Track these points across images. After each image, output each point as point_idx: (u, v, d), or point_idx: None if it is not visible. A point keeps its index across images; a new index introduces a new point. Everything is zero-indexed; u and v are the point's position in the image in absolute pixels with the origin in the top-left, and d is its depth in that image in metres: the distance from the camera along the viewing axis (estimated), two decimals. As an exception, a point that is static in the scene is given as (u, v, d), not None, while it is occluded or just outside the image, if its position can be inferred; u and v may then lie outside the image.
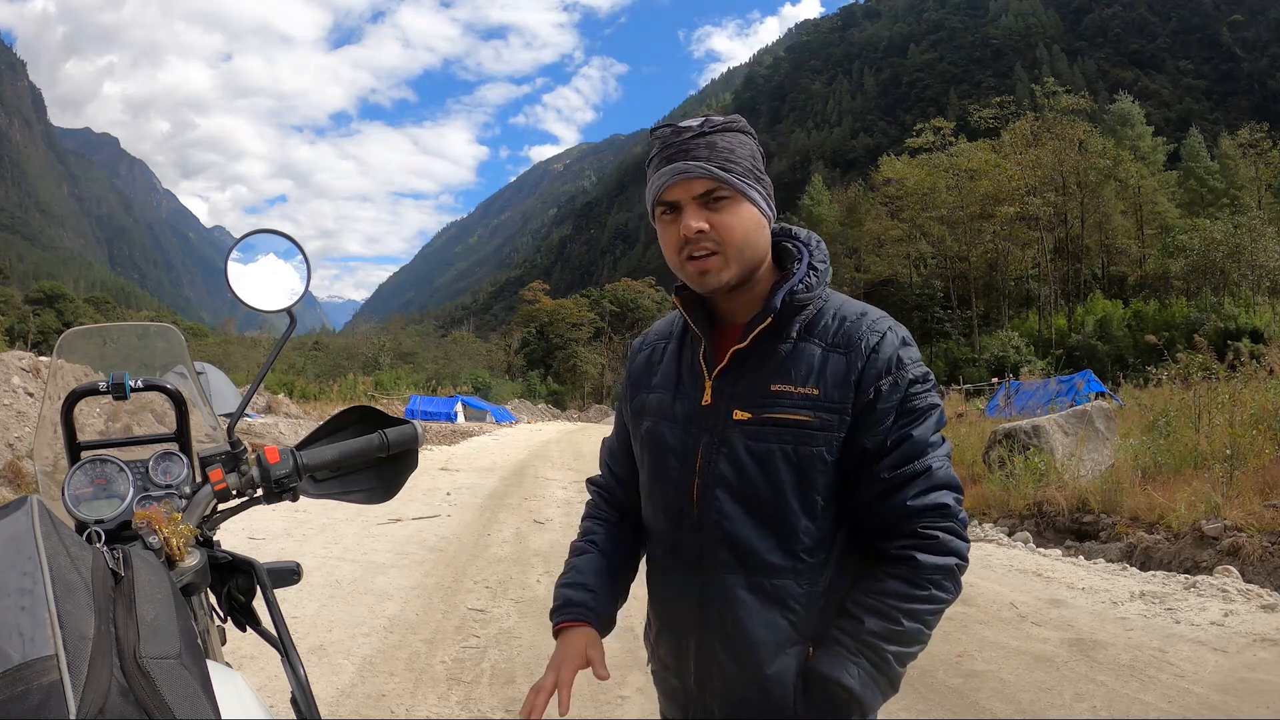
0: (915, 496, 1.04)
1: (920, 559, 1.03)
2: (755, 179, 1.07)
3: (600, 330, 60.19)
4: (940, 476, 1.05)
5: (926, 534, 1.03)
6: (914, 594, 1.02)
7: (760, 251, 1.09)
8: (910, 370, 1.06)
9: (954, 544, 1.04)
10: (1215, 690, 3.07)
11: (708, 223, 1.05)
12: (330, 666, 3.32)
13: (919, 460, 1.04)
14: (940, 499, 1.04)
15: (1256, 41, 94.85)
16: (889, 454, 1.04)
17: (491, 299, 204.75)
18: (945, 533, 1.04)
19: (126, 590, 0.62)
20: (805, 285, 1.08)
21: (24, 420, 7.66)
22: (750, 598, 1.08)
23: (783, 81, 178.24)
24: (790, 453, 1.05)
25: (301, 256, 1.22)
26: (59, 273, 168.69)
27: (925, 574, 1.03)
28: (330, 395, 27.88)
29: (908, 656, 1.04)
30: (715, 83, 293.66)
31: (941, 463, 1.06)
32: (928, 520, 1.04)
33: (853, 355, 1.05)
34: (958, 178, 42.90)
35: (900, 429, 1.05)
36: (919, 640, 1.05)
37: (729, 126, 1.07)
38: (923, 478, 1.04)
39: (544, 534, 6.62)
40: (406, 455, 1.20)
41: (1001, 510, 7.53)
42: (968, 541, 1.07)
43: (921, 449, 1.05)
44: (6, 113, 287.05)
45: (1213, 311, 28.45)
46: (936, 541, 1.03)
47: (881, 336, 1.06)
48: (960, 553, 1.05)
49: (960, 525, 1.05)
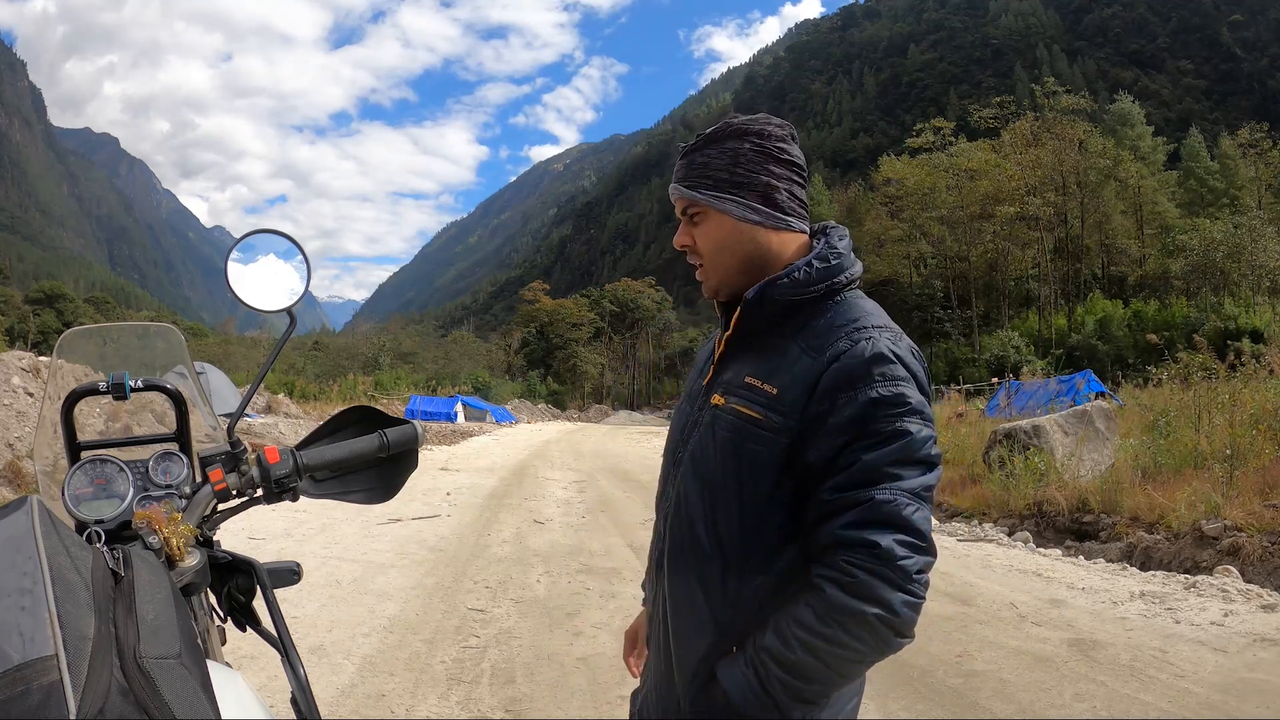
0: (846, 527, 0.95)
1: (829, 594, 0.94)
2: (734, 187, 1.07)
3: (600, 330, 60.21)
4: (885, 513, 0.94)
5: (846, 570, 0.94)
6: (816, 628, 0.94)
7: (740, 257, 1.10)
8: (877, 389, 0.97)
9: (877, 591, 0.92)
10: (1215, 690, 3.07)
11: (690, 237, 1.12)
12: (330, 666, 3.32)
13: (864, 489, 0.95)
14: (871, 536, 0.93)
15: (1256, 41, 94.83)
16: (835, 475, 0.97)
17: (491, 299, 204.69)
18: (871, 576, 0.92)
19: (126, 590, 0.62)
20: (792, 280, 1.06)
21: (24, 420, 7.66)
22: (684, 578, 1.09)
23: (783, 81, 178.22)
24: (737, 445, 1.05)
25: (301, 256, 1.22)
26: (59, 273, 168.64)
27: (832, 612, 0.93)
28: (330, 395, 27.87)
29: (800, 689, 0.96)
30: (715, 83, 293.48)
31: (893, 497, 0.94)
32: (851, 556, 0.94)
33: (818, 360, 1.01)
34: (958, 178, 42.90)
35: (852, 451, 0.96)
36: (815, 678, 0.96)
37: (715, 137, 1.10)
38: (861, 509, 0.95)
39: (544, 534, 6.62)
40: (406, 455, 1.20)
41: (1001, 510, 7.53)
42: (909, 595, 0.93)
43: (870, 477, 0.95)
44: (6, 113, 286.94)
45: (1213, 311, 28.47)
46: (854, 582, 0.93)
47: (853, 345, 1.00)
48: (885, 604, 0.92)
49: (898, 573, 0.92)
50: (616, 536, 6.54)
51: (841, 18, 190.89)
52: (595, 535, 6.60)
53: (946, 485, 8.71)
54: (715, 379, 1.13)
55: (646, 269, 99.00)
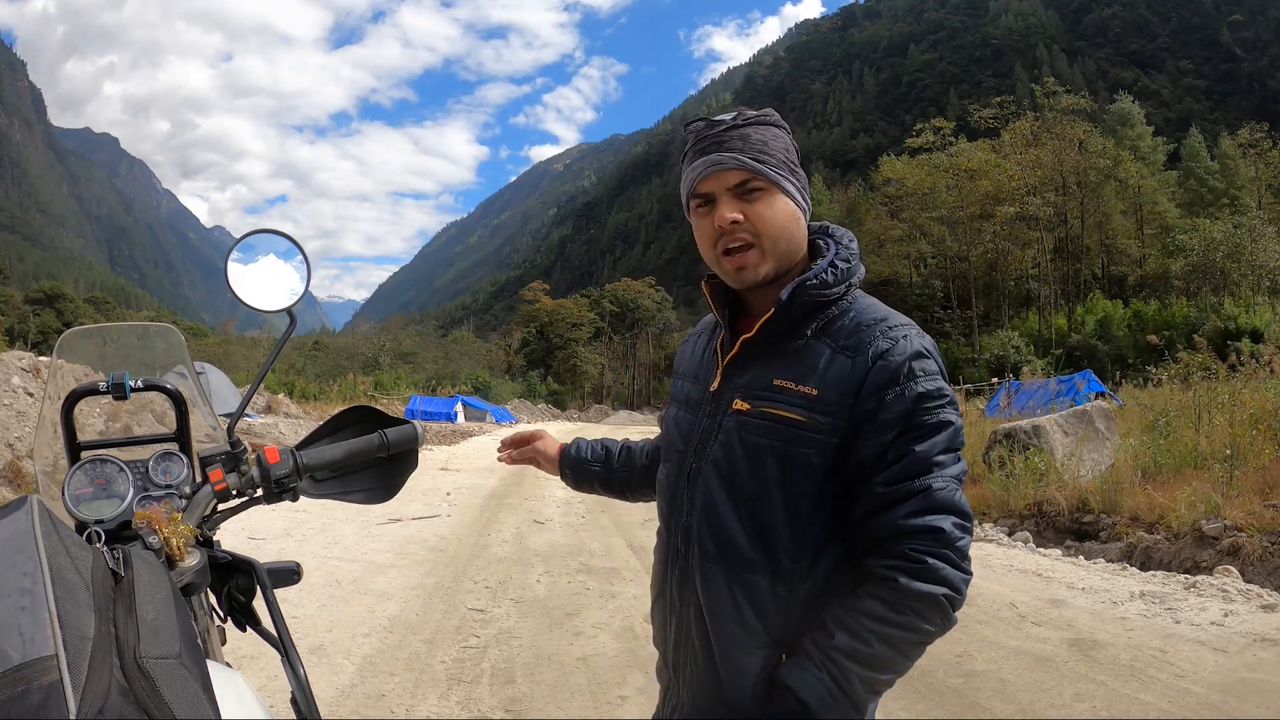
0: (908, 516, 0.98)
1: (902, 583, 0.96)
2: (790, 171, 1.08)
3: (600, 330, 60.22)
4: (940, 498, 0.98)
5: (914, 557, 0.97)
6: (891, 618, 0.96)
7: (796, 245, 1.09)
8: (921, 383, 1.00)
9: (943, 573, 0.96)
10: (1215, 690, 3.07)
11: (742, 214, 1.05)
12: (330, 666, 3.32)
13: (919, 478, 0.98)
14: (935, 522, 0.97)
15: (1256, 41, 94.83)
16: (887, 468, 0.99)
17: (491, 299, 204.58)
18: (936, 559, 0.96)
19: (126, 590, 0.62)
20: (820, 281, 1.05)
21: (24, 420, 7.66)
22: (726, 590, 1.06)
23: (783, 81, 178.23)
24: (780, 449, 1.03)
25: (301, 256, 1.22)
26: (59, 273, 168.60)
27: (906, 599, 0.96)
28: (330, 395, 27.87)
29: (876, 682, 0.98)
30: (715, 83, 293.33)
31: (945, 484, 0.99)
32: (917, 543, 0.97)
33: (859, 360, 1.01)
34: (958, 178, 42.92)
35: (902, 443, 0.99)
36: (890, 668, 0.98)
37: (763, 119, 1.08)
38: (919, 497, 0.98)
39: (544, 534, 6.62)
40: (406, 455, 1.20)
41: (1001, 510, 7.53)
42: (966, 574, 0.99)
43: (923, 467, 0.98)
44: (6, 113, 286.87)
45: (1213, 311, 28.43)
46: (924, 567, 0.96)
47: (894, 344, 1.02)
48: (951, 583, 0.97)
49: (957, 554, 0.97)
50: (616, 536, 6.54)
51: (841, 18, 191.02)
52: (595, 535, 6.60)
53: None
54: (728, 383, 1.11)
55: (646, 269, 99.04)
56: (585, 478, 1.47)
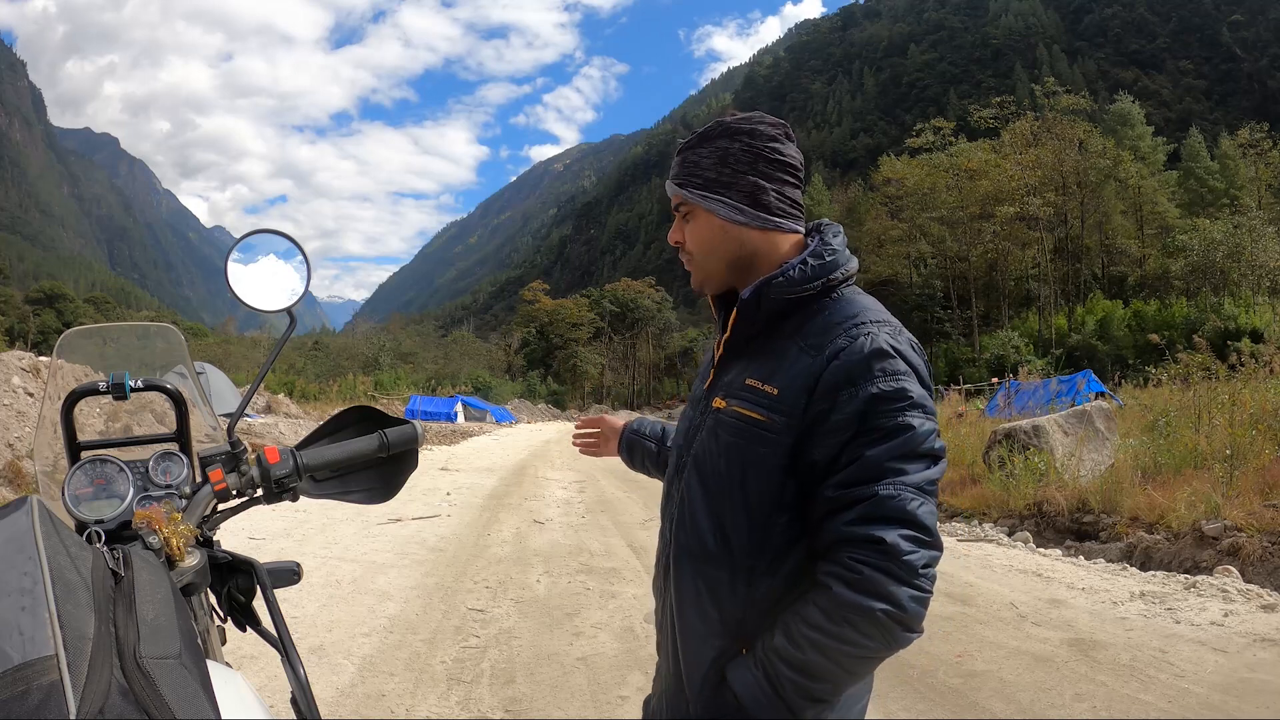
0: (851, 523, 0.94)
1: (836, 591, 0.93)
2: (722, 186, 1.08)
3: (600, 330, 60.25)
4: (890, 508, 0.93)
5: (852, 566, 0.93)
6: (825, 627, 0.93)
7: (725, 257, 1.11)
8: (879, 384, 0.97)
9: (883, 587, 0.91)
10: (1215, 690, 3.07)
11: (681, 234, 1.15)
12: (330, 666, 3.32)
13: (868, 484, 0.95)
14: (878, 532, 0.92)
15: (1256, 41, 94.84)
16: (838, 472, 0.97)
17: (491, 299, 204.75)
18: (876, 571, 0.92)
19: (126, 590, 0.62)
20: (787, 279, 1.05)
21: (24, 420, 7.66)
22: (692, 583, 1.09)
23: (783, 81, 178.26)
24: (742, 447, 1.05)
25: (301, 256, 1.22)
26: (59, 273, 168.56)
27: (841, 609, 0.92)
28: (330, 395, 27.88)
29: (809, 689, 0.96)
30: (715, 82, 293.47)
31: (897, 492, 0.94)
32: (857, 552, 0.93)
33: (818, 358, 1.00)
34: (958, 178, 42.93)
35: (855, 446, 0.96)
36: (824, 677, 0.95)
37: (707, 136, 1.11)
38: (866, 504, 0.94)
39: (544, 534, 6.62)
40: (406, 455, 1.20)
41: (1001, 510, 7.53)
42: (916, 590, 0.92)
43: (874, 473, 0.95)
44: (6, 113, 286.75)
45: (1213, 311, 28.42)
46: (859, 578, 0.92)
47: (852, 341, 0.99)
48: (892, 599, 0.91)
49: (903, 569, 0.92)
50: (616, 536, 6.54)
51: (841, 18, 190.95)
52: (595, 535, 6.59)
53: (946, 485, 8.71)
54: (716, 382, 1.14)
55: (646, 269, 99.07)
56: (638, 453, 1.51)
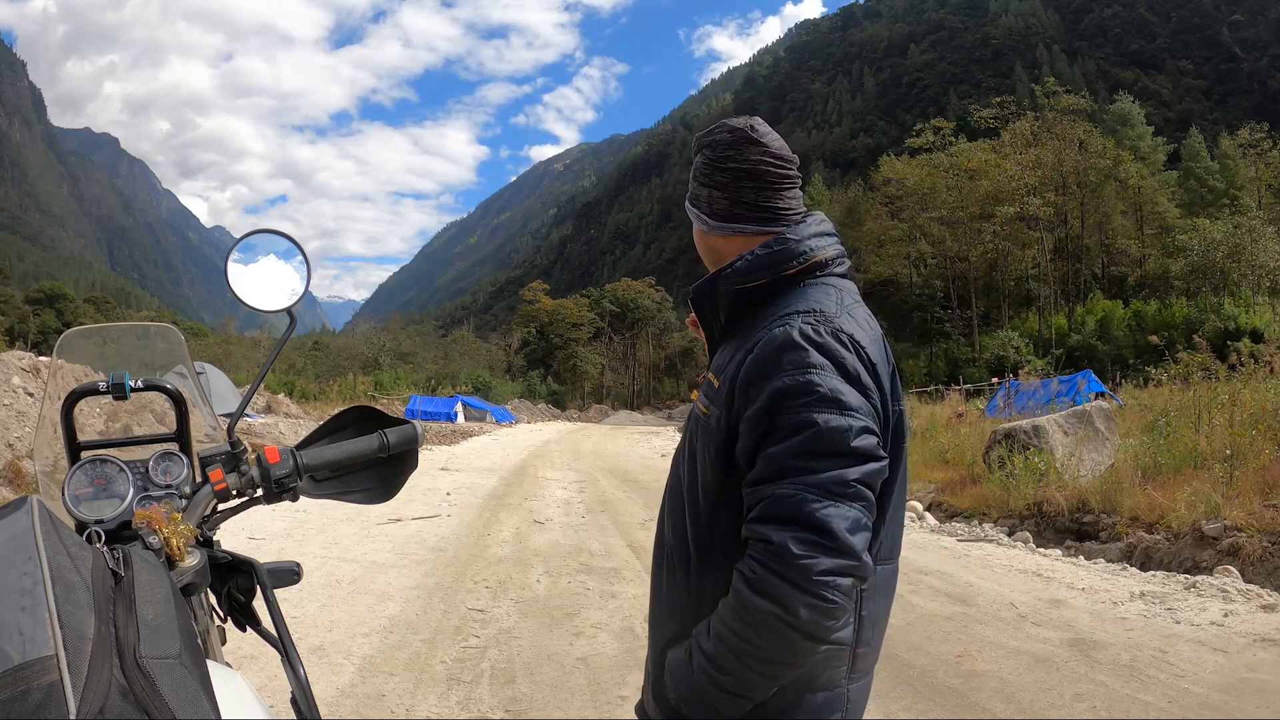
0: (752, 521, 0.93)
1: (737, 588, 0.92)
2: (694, 199, 1.17)
3: (600, 330, 60.17)
4: (785, 508, 0.89)
5: (749, 565, 0.91)
6: (728, 621, 0.93)
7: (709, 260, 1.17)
8: (784, 378, 0.93)
9: (775, 590, 0.87)
10: (1215, 690, 3.07)
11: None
12: (330, 666, 3.32)
13: (767, 483, 0.93)
14: (767, 533, 0.89)
15: (1256, 41, 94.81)
16: (751, 468, 0.96)
17: (491, 299, 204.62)
18: (767, 571, 0.88)
19: (126, 590, 0.62)
20: (733, 270, 1.07)
21: (24, 420, 7.66)
22: (658, 571, 1.16)
23: (783, 81, 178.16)
24: (691, 442, 1.10)
25: (301, 256, 1.22)
26: (59, 273, 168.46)
27: (739, 607, 0.91)
28: (330, 395, 27.86)
29: (718, 680, 0.94)
30: (715, 82, 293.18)
31: (794, 491, 0.89)
32: (753, 551, 0.92)
33: (742, 353, 1.00)
34: (958, 178, 42.87)
35: (764, 444, 0.94)
36: (730, 670, 0.93)
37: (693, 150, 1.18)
38: (765, 504, 0.92)
39: (544, 534, 6.62)
40: (406, 455, 1.20)
41: (1001, 510, 7.53)
42: (816, 599, 0.86)
43: (774, 471, 0.92)
44: (6, 113, 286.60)
45: (1213, 311, 28.41)
46: (754, 578, 0.90)
47: (767, 333, 0.97)
48: (783, 603, 0.87)
49: (795, 573, 0.86)
50: (616, 536, 6.54)
51: (841, 18, 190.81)
52: (595, 535, 6.59)
53: (946, 485, 8.71)
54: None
55: (646, 269, 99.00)
56: None
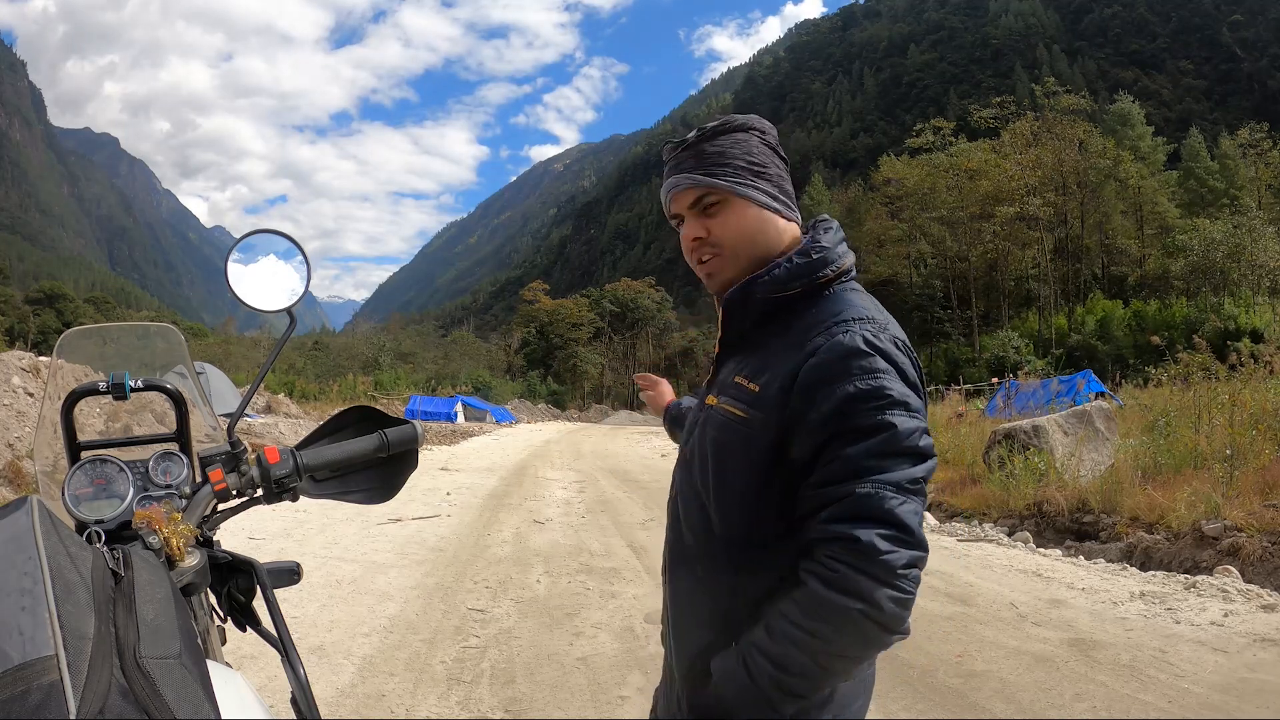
0: (828, 521, 0.94)
1: (813, 588, 0.93)
2: (753, 175, 1.08)
3: (600, 330, 60.17)
4: (868, 507, 0.92)
5: (829, 564, 0.93)
6: (802, 623, 0.94)
7: (765, 247, 1.09)
8: (858, 382, 0.96)
9: (859, 586, 0.90)
10: (1215, 690, 3.07)
11: (705, 229, 1.10)
12: (330, 666, 3.32)
13: (844, 483, 0.94)
14: (853, 531, 0.92)
15: (1256, 41, 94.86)
16: (819, 470, 0.97)
17: (491, 299, 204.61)
18: (852, 570, 0.91)
19: (126, 590, 0.62)
20: (772, 278, 1.06)
21: (24, 420, 7.66)
22: (685, 577, 1.13)
23: (783, 81, 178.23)
24: (723, 443, 1.07)
25: (301, 256, 1.22)
26: (59, 273, 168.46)
27: (816, 607, 0.93)
28: (330, 395, 27.87)
29: (787, 683, 0.95)
30: (715, 82, 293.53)
31: (874, 490, 0.92)
32: (833, 550, 0.93)
33: (799, 356, 1.00)
34: (958, 178, 42.88)
35: (835, 446, 0.95)
36: (802, 672, 0.95)
37: (722, 129, 1.10)
38: (844, 503, 0.93)
39: (544, 534, 6.62)
40: (406, 455, 1.20)
41: (1001, 510, 7.53)
42: (897, 590, 0.91)
43: (853, 471, 0.94)
44: (6, 113, 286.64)
45: (1213, 311, 28.42)
46: (836, 576, 0.91)
47: (831, 339, 0.99)
48: (869, 599, 0.90)
49: (881, 569, 0.90)
50: (616, 536, 6.54)
51: (841, 18, 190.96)
52: (595, 535, 6.59)
53: (946, 485, 8.70)
54: (713, 380, 1.16)
55: (646, 269, 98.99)
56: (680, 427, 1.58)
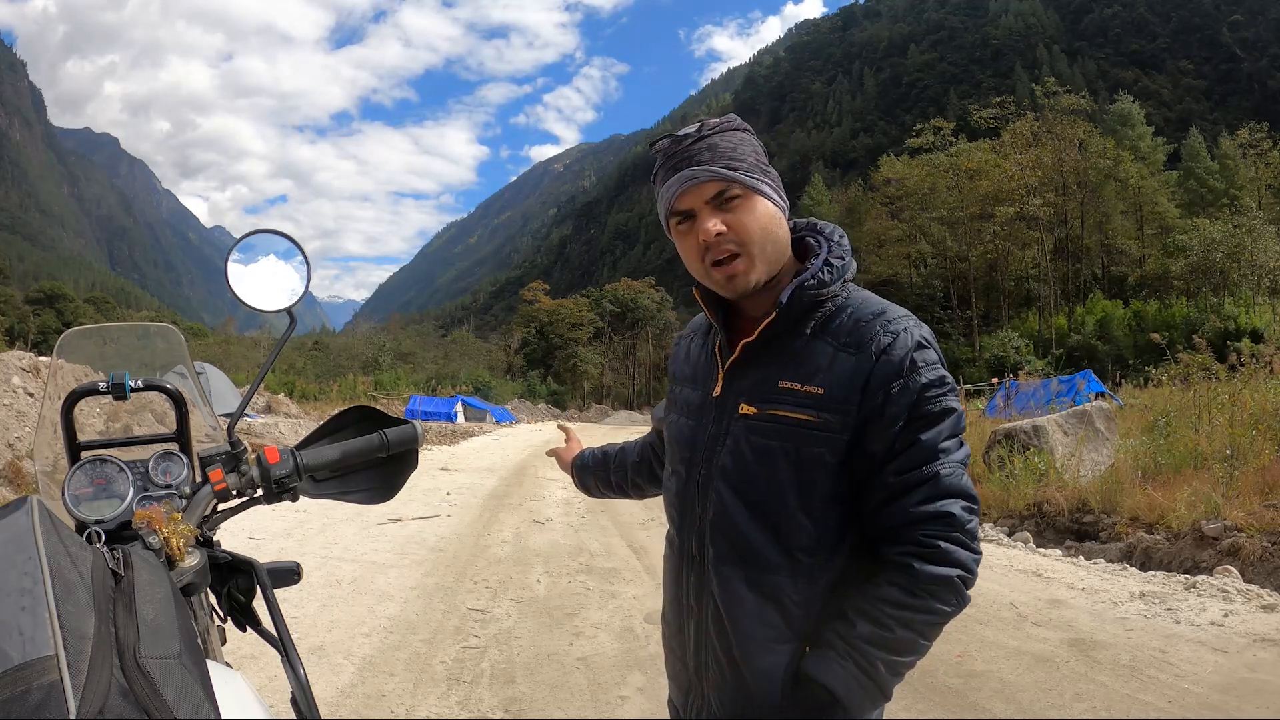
0: (919, 503, 1.01)
1: (918, 568, 1.00)
2: (763, 173, 1.08)
3: (600, 330, 60.15)
4: (948, 484, 1.01)
5: (927, 542, 1.00)
6: (909, 603, 1.00)
7: (781, 245, 1.09)
8: (925, 374, 1.02)
9: (957, 555, 1.00)
10: (1215, 690, 3.07)
11: (725, 224, 1.05)
12: (330, 666, 3.32)
13: (926, 466, 1.01)
14: (945, 507, 1.01)
15: (1256, 41, 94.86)
16: (896, 458, 1.02)
17: (491, 299, 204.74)
18: (948, 542, 1.00)
19: (126, 590, 0.62)
20: (817, 280, 1.06)
21: (24, 420, 7.66)
22: (746, 592, 1.08)
23: (783, 81, 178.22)
24: (791, 451, 1.04)
25: (301, 256, 1.22)
26: (59, 273, 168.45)
27: (923, 584, 0.99)
28: (330, 395, 27.87)
29: (899, 665, 1.02)
30: (715, 83, 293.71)
31: (951, 469, 1.02)
32: (930, 529, 1.01)
33: (862, 356, 1.03)
34: (958, 178, 42.91)
35: (909, 433, 1.02)
36: (912, 651, 1.02)
37: (726, 126, 1.09)
38: (929, 484, 1.01)
39: (544, 534, 6.62)
40: (406, 455, 1.20)
41: (1001, 510, 7.52)
42: (976, 554, 1.03)
43: (930, 454, 1.02)
44: (6, 113, 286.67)
45: (1213, 311, 28.40)
46: (937, 551, 1.00)
47: (895, 337, 1.03)
48: (964, 564, 1.01)
49: (967, 536, 1.01)
50: (616, 536, 6.54)
51: (841, 18, 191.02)
52: (595, 535, 6.59)
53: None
54: (731, 388, 1.11)
55: (646, 269, 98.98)
56: (588, 481, 1.63)
